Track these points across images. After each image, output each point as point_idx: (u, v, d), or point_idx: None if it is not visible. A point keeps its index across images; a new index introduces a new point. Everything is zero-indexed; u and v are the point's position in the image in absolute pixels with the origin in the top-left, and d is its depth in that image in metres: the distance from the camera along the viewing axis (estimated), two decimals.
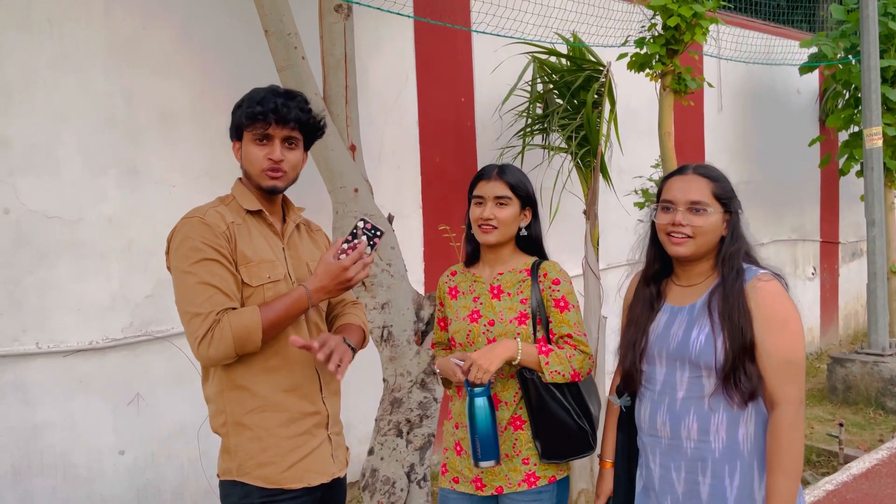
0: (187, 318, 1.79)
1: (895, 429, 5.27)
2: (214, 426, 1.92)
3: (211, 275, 1.79)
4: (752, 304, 1.76)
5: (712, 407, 1.79)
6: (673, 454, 1.85)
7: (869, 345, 5.95)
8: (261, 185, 1.93)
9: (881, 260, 5.87)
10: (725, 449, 1.78)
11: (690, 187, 1.86)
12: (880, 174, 5.85)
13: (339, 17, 3.44)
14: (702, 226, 1.82)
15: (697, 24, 4.48)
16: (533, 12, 4.91)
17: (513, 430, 2.13)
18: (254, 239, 1.91)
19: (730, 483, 1.78)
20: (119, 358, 3.43)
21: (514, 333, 2.10)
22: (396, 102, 4.52)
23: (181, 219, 1.86)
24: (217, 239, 1.81)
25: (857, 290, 8.24)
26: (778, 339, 1.74)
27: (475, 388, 2.00)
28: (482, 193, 2.16)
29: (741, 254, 1.84)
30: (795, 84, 7.50)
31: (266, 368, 1.88)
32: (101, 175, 3.36)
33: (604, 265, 5.26)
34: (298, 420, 1.91)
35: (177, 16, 3.57)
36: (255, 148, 1.90)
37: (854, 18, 6.13)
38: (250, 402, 1.87)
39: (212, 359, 1.79)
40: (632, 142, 5.37)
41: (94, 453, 3.37)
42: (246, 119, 1.88)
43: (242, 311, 1.81)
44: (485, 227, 2.15)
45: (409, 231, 4.42)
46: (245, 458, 1.86)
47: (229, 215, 1.88)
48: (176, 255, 1.82)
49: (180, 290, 1.81)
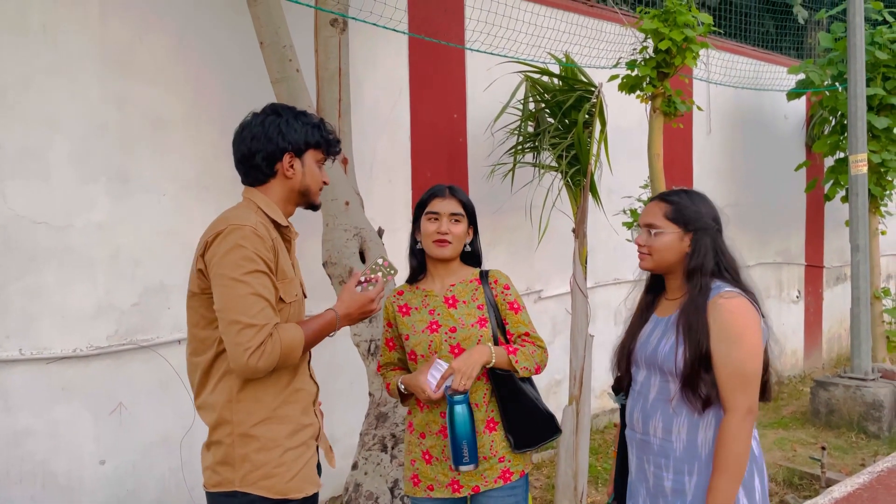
0: (238, 328, 1.78)
1: (877, 453, 5.30)
2: (217, 436, 1.90)
3: (263, 287, 1.82)
4: (710, 319, 1.92)
5: (676, 410, 1.98)
6: (644, 448, 2.06)
7: (852, 369, 5.99)
8: (315, 203, 2.05)
9: (864, 285, 5.93)
10: (685, 450, 1.97)
11: (648, 211, 2.11)
12: (865, 200, 5.92)
13: (335, 31, 3.47)
14: (653, 245, 2.04)
15: (688, 48, 4.54)
16: (526, 32, 4.96)
17: (488, 433, 2.25)
18: (284, 255, 1.97)
19: (689, 480, 1.95)
20: (103, 366, 3.40)
21: (477, 336, 2.24)
22: (389, 117, 4.54)
23: (227, 224, 1.84)
24: (268, 252, 1.85)
25: (841, 314, 8.30)
26: (731, 351, 1.89)
27: (455, 395, 2.11)
28: (438, 210, 2.28)
29: (705, 270, 1.99)
30: (783, 109, 7.61)
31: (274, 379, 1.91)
32: (91, 182, 3.35)
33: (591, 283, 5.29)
34: (300, 431, 1.96)
35: (172, 25, 3.58)
36: (318, 169, 2.02)
37: (841, 47, 6.24)
38: (260, 412, 1.89)
39: (257, 370, 1.81)
40: (621, 162, 5.41)
41: (75, 462, 3.33)
42: (322, 139, 2.01)
43: (288, 328, 1.86)
44: (441, 242, 2.28)
45: (399, 245, 4.40)
46: (251, 469, 1.87)
47: (270, 229, 1.92)
48: (226, 261, 1.80)
49: (230, 297, 1.80)
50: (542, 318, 5.36)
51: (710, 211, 2.06)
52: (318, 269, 3.44)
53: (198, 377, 1.95)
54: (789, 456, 5.32)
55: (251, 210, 1.93)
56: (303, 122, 1.98)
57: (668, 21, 4.48)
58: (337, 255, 3.34)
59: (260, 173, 1.97)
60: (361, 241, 3.41)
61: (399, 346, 2.38)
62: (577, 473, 3.97)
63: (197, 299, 1.91)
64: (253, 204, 1.96)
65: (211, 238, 1.85)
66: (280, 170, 1.97)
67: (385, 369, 2.45)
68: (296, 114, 2.00)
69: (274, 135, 1.94)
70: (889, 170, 6.39)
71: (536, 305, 5.38)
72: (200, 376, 1.94)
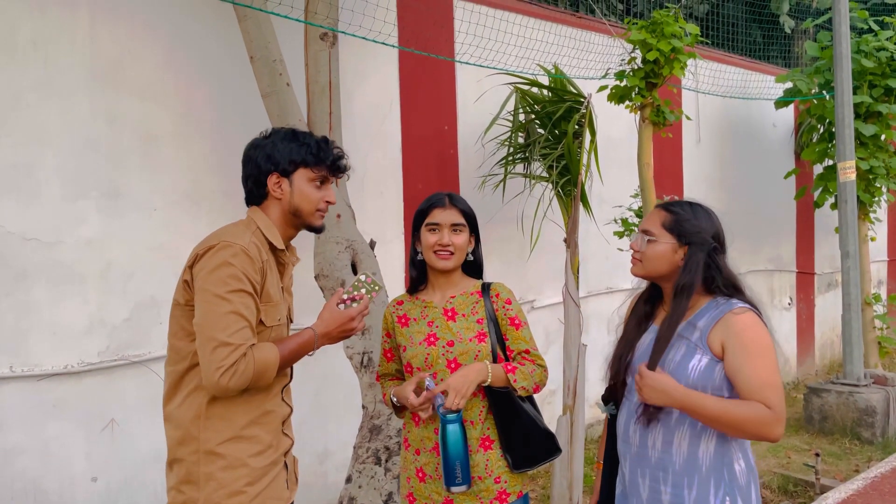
0: (214, 345, 1.77)
1: (870, 459, 5.32)
2: (180, 453, 1.88)
3: (245, 307, 1.81)
4: (724, 336, 1.89)
5: (677, 422, 1.92)
6: (640, 462, 1.99)
7: (844, 375, 6.01)
8: (313, 225, 2.01)
9: (855, 291, 5.96)
10: (685, 462, 1.91)
11: (648, 217, 2.09)
12: (854, 207, 5.97)
13: (325, 45, 3.48)
14: (646, 251, 2.01)
15: (676, 58, 4.58)
16: (515, 44, 4.99)
17: (484, 451, 2.19)
18: (274, 278, 1.95)
19: (688, 494, 1.90)
20: (94, 382, 3.38)
21: (475, 351, 2.19)
22: (380, 130, 4.56)
23: (220, 240, 1.85)
24: (255, 274, 1.84)
25: (833, 320, 8.34)
26: (755, 364, 1.84)
27: (448, 414, 2.05)
28: (438, 221, 2.23)
29: (691, 288, 1.95)
30: (771, 118, 7.67)
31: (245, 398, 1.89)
32: (82, 198, 3.35)
33: (584, 293, 5.31)
34: (266, 451, 1.94)
35: (162, 40, 3.59)
36: (313, 188, 1.99)
37: (828, 55, 6.30)
38: (227, 431, 1.87)
39: (228, 389, 1.79)
40: (612, 172, 5.44)
41: (67, 480, 3.30)
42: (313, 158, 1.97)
43: (263, 347, 1.85)
44: (442, 254, 2.23)
45: (390, 257, 4.43)
46: (215, 488, 1.84)
47: (263, 251, 1.91)
48: (212, 277, 1.80)
49: (210, 313, 1.79)
50: (536, 328, 5.33)
51: (712, 227, 2.00)
52: (310, 283, 3.43)
53: (168, 386, 1.94)
54: (784, 463, 5.33)
55: (249, 229, 1.93)
56: (291, 142, 1.97)
57: (655, 32, 4.53)
58: (329, 267, 3.34)
59: (255, 195, 2.00)
60: (353, 253, 3.41)
61: (397, 357, 2.35)
62: (572, 483, 3.96)
63: (180, 310, 1.91)
64: (253, 223, 1.96)
65: (202, 252, 1.85)
66: (269, 191, 1.98)
67: (383, 380, 2.42)
68: (286, 135, 2.00)
69: (259, 158, 1.97)
70: (877, 176, 6.44)
71: (529, 315, 5.38)
72: (170, 386, 1.93)
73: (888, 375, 6.03)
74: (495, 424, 2.21)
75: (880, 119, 6.40)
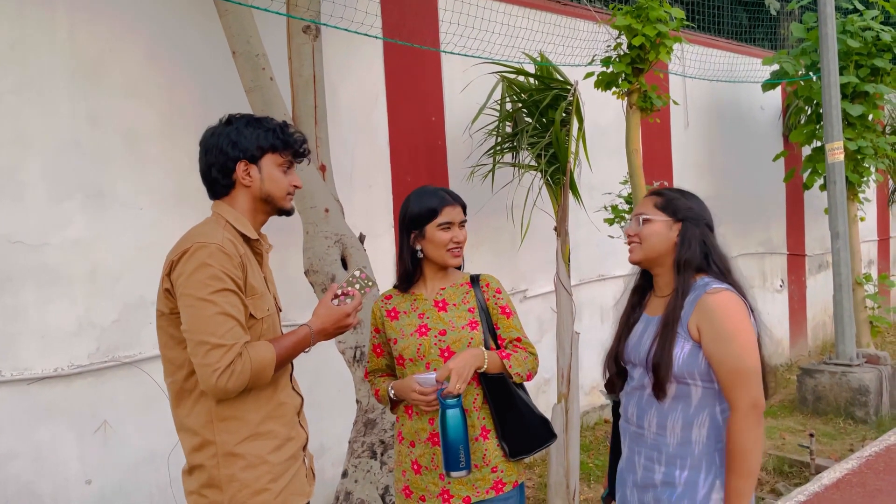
0: (206, 349, 1.74)
1: (864, 438, 5.35)
2: (199, 459, 1.86)
3: (231, 306, 1.78)
4: (700, 318, 1.90)
5: (671, 407, 1.96)
6: (637, 441, 2.05)
7: (837, 355, 6.04)
8: (284, 208, 1.99)
9: (846, 271, 5.98)
10: (678, 445, 1.95)
11: (640, 203, 2.13)
12: (843, 188, 5.98)
13: (308, 38, 3.45)
14: (642, 231, 2.03)
15: (661, 43, 4.56)
16: (501, 32, 4.97)
17: (483, 441, 2.20)
18: (254, 269, 1.92)
19: (679, 474, 1.94)
20: (85, 385, 3.36)
21: (468, 339, 2.20)
22: (367, 122, 4.53)
23: (193, 242, 1.81)
24: (235, 269, 1.81)
25: (825, 301, 8.38)
26: (726, 349, 1.87)
27: (448, 398, 2.06)
28: (450, 219, 2.24)
29: (693, 262, 1.97)
30: (759, 101, 7.67)
31: (255, 394, 1.88)
32: (67, 199, 3.31)
33: (575, 281, 5.31)
34: (285, 445, 1.93)
35: (143, 37, 3.55)
36: (281, 173, 1.96)
37: (814, 36, 6.30)
38: (243, 430, 1.85)
39: (227, 391, 1.77)
40: (601, 159, 5.43)
41: (61, 483, 3.28)
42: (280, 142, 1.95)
43: (259, 346, 1.82)
44: (456, 251, 2.26)
45: (380, 251, 4.41)
46: (239, 488, 1.83)
47: (238, 244, 1.88)
48: (192, 281, 1.77)
49: (197, 317, 1.76)
50: (528, 317, 5.37)
51: (702, 209, 2.05)
52: (301, 278, 3.42)
53: (173, 398, 1.91)
54: (778, 444, 5.36)
55: (219, 226, 1.89)
56: (255, 128, 1.94)
57: (640, 17, 4.51)
58: (318, 262, 3.32)
59: (220, 186, 1.95)
60: (343, 247, 3.39)
61: (387, 353, 2.34)
62: (568, 471, 3.97)
63: (165, 319, 1.87)
64: (221, 219, 1.92)
65: (177, 257, 1.81)
66: (237, 179, 1.93)
67: (373, 376, 2.41)
68: (249, 121, 1.96)
69: (225, 145, 1.92)
70: (865, 157, 6.45)
71: (522, 305, 5.38)
72: (175, 398, 1.90)
73: (880, 354, 6.07)
74: (491, 413, 2.22)
75: (867, 99, 6.41)
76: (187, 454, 1.89)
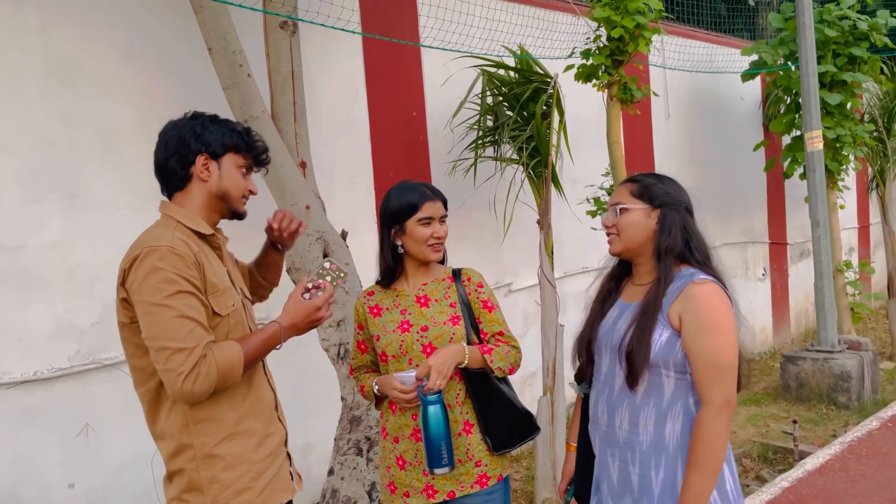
0: (167, 354, 1.70)
1: (847, 423, 5.41)
2: (178, 464, 1.83)
3: (189, 307, 1.73)
4: (683, 308, 1.85)
5: (643, 401, 1.90)
6: (609, 442, 1.98)
7: (819, 342, 6.10)
8: (238, 211, 1.97)
9: (827, 259, 6.04)
10: (652, 442, 1.89)
11: (615, 192, 2.06)
12: (822, 176, 6.03)
13: (285, 34, 3.42)
14: (620, 222, 1.97)
15: (640, 34, 4.57)
16: (480, 26, 4.95)
17: (466, 436, 2.20)
18: (213, 266, 1.87)
19: (655, 475, 1.88)
20: (66, 388, 3.32)
21: (450, 334, 2.20)
22: (347, 118, 4.50)
23: (142, 247, 1.76)
24: (190, 270, 1.76)
25: (807, 288, 8.45)
26: (707, 342, 1.82)
27: (429, 394, 2.05)
28: (431, 214, 2.23)
29: (674, 248, 1.92)
30: (739, 91, 7.71)
31: (229, 394, 1.85)
32: (42, 200, 3.27)
33: (559, 274, 5.32)
34: (264, 441, 1.91)
35: (117, 34, 3.50)
36: (239, 175, 1.94)
37: (791, 26, 6.33)
38: (220, 431, 1.83)
39: (195, 395, 1.73)
40: (584, 151, 5.44)
41: (43, 487, 3.25)
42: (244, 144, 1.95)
43: (224, 346, 1.78)
44: (437, 246, 2.25)
45: (364, 247, 4.38)
46: (221, 490, 1.81)
47: (192, 243, 1.82)
48: (145, 287, 1.72)
49: (155, 323, 1.72)
50: (514, 310, 5.37)
51: (680, 193, 1.99)
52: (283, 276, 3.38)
53: (147, 407, 1.87)
54: (763, 431, 5.41)
55: (169, 227, 1.84)
56: (221, 126, 1.92)
57: (619, 9, 4.51)
58: (300, 259, 3.30)
59: (175, 178, 1.90)
60: (325, 244, 3.37)
61: (371, 349, 2.34)
62: (555, 463, 3.99)
63: (128, 329, 1.83)
64: (171, 219, 1.87)
65: (128, 265, 1.77)
66: (195, 173, 1.90)
67: (358, 373, 2.40)
68: (215, 119, 1.94)
69: (188, 137, 1.89)
70: (844, 145, 6.51)
71: (507, 299, 5.39)
72: (149, 406, 1.86)
73: (861, 340, 6.13)
74: (473, 407, 2.22)
75: (845, 88, 6.46)
76: (166, 460, 1.86)
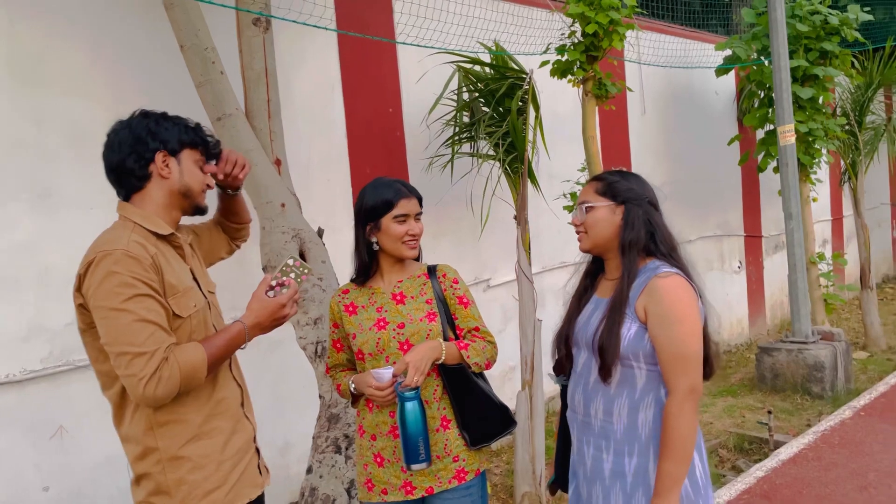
0: (128, 359, 1.68)
1: (821, 413, 5.50)
2: (144, 467, 1.81)
3: (147, 311, 1.70)
4: (648, 301, 1.91)
5: (616, 392, 1.96)
6: (585, 430, 2.04)
7: (793, 333, 6.19)
8: (200, 205, 1.96)
9: (800, 251, 6.12)
10: (626, 430, 1.95)
11: (582, 191, 2.12)
12: (795, 169, 6.11)
13: (258, 30, 3.39)
14: (586, 220, 2.05)
15: (615, 30, 4.59)
16: (456, 22, 4.95)
17: (444, 431, 2.21)
18: (173, 266, 1.84)
19: (629, 461, 1.94)
20: (39, 389, 3.28)
21: (426, 331, 2.20)
22: (323, 115, 4.48)
23: (97, 252, 1.73)
24: (146, 272, 1.73)
25: (782, 281, 8.56)
26: (671, 333, 1.87)
27: (406, 391, 2.06)
28: (406, 211, 2.24)
29: (638, 243, 1.98)
30: (713, 86, 7.79)
31: (194, 395, 1.83)
32: (12, 200, 3.22)
33: (537, 269, 5.34)
34: (231, 439, 1.90)
35: (86, 32, 3.45)
36: (197, 169, 1.94)
37: (764, 21, 6.40)
38: (185, 432, 1.81)
39: (158, 399, 1.71)
40: (560, 147, 5.46)
41: (18, 491, 3.20)
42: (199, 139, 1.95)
43: (186, 348, 1.76)
44: (412, 243, 2.25)
45: (340, 245, 4.36)
46: (188, 491, 1.80)
47: (149, 245, 1.79)
48: (101, 292, 1.69)
49: (113, 328, 1.69)
50: (492, 306, 5.39)
51: (643, 188, 2.04)
52: (259, 274, 3.37)
53: (113, 411, 1.86)
54: (738, 422, 5.48)
55: (125, 229, 1.80)
56: (174, 123, 1.91)
57: (593, 4, 4.53)
58: (276, 258, 3.28)
59: (133, 178, 1.86)
60: (301, 242, 3.35)
61: (347, 347, 2.33)
62: (534, 457, 4.01)
63: (87, 335, 1.80)
64: (128, 221, 1.83)
65: (83, 270, 1.73)
66: (154, 171, 1.87)
67: (334, 371, 2.40)
68: (166, 116, 1.93)
69: (143, 135, 1.86)
70: (816, 138, 6.59)
71: (485, 294, 5.40)
72: (115, 410, 1.85)
73: (835, 331, 6.23)
74: (451, 403, 2.23)
75: (817, 82, 6.55)
76: (132, 464, 1.85)
